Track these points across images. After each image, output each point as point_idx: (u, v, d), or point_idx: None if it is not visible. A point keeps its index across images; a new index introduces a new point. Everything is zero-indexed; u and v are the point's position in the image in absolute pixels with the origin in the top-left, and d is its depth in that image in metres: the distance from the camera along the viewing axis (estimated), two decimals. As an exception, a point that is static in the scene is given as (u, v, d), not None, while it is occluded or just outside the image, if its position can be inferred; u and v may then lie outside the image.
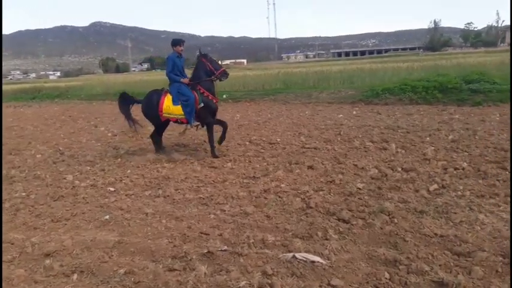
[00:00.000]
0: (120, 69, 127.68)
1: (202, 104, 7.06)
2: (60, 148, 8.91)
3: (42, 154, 8.40)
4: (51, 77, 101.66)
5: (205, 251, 3.54)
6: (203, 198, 5.04)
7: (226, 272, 3.23)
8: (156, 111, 7.19)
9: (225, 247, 3.63)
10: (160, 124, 7.52)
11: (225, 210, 4.61)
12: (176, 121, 7.34)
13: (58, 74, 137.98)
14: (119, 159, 7.51)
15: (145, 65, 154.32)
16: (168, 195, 5.25)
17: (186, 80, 7.09)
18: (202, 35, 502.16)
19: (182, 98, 6.99)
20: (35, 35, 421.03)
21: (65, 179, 6.38)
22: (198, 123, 7.26)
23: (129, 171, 6.64)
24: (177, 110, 7.07)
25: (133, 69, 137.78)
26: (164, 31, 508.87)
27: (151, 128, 7.90)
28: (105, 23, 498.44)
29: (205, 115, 7.18)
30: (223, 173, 6.22)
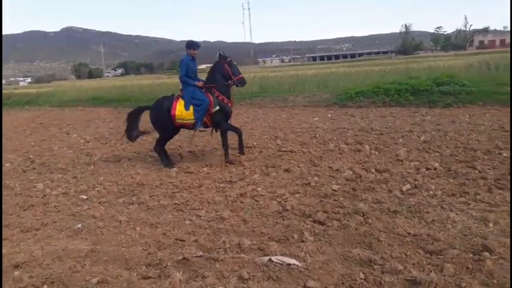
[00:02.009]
0: (93, 74, 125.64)
1: (217, 107, 6.80)
2: (31, 156, 8.65)
3: (12, 163, 8.14)
4: (21, 84, 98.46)
5: (181, 258, 3.49)
6: (178, 204, 4.98)
7: (202, 278, 3.19)
8: (167, 118, 6.83)
9: (201, 253, 3.59)
10: (170, 132, 7.13)
11: (200, 216, 4.56)
12: (189, 126, 6.96)
13: (29, 80, 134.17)
14: (92, 166, 7.35)
15: (120, 70, 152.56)
16: (142, 202, 5.16)
17: (200, 83, 6.84)
18: (177, 40, 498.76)
19: (196, 102, 6.70)
20: (3, 40, 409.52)
21: (35, 187, 6.20)
22: (204, 129, 7.01)
23: (102, 178, 6.50)
24: (188, 115, 6.76)
25: (107, 74, 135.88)
26: (138, 36, 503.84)
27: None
28: (77, 28, 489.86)
29: (219, 119, 6.92)
30: (199, 178, 6.17)
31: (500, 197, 4.55)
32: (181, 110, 6.77)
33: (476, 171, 5.49)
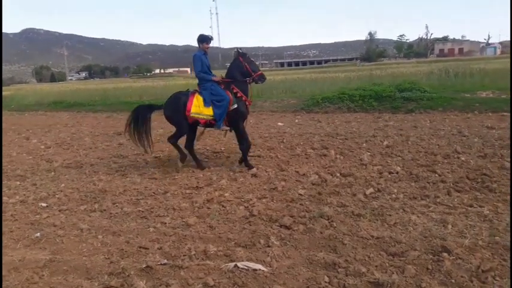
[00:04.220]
0: (55, 78, 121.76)
1: (235, 106, 6.52)
2: (-14, 163, 8.25)
3: (-35, 169, 7.73)
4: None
5: (144, 266, 3.42)
6: (142, 211, 4.88)
7: (166, 286, 3.13)
8: (182, 112, 6.52)
9: (165, 261, 3.52)
10: (186, 129, 6.76)
11: (165, 223, 4.48)
12: (205, 123, 6.68)
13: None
14: (52, 173, 7.09)
15: (83, 74, 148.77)
16: (104, 210, 5.01)
17: (217, 78, 6.59)
18: (143, 43, 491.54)
19: (215, 98, 6.45)
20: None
21: (-10, 195, 5.90)
22: (227, 128, 6.75)
23: (63, 185, 6.28)
24: (208, 111, 6.48)
25: (70, 78, 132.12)
26: (103, 39, 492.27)
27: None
28: (39, 29, 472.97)
29: (236, 118, 6.62)
30: (164, 184, 6.06)
31: (458, 199, 4.73)
32: (197, 105, 6.50)
33: (436, 175, 5.68)
